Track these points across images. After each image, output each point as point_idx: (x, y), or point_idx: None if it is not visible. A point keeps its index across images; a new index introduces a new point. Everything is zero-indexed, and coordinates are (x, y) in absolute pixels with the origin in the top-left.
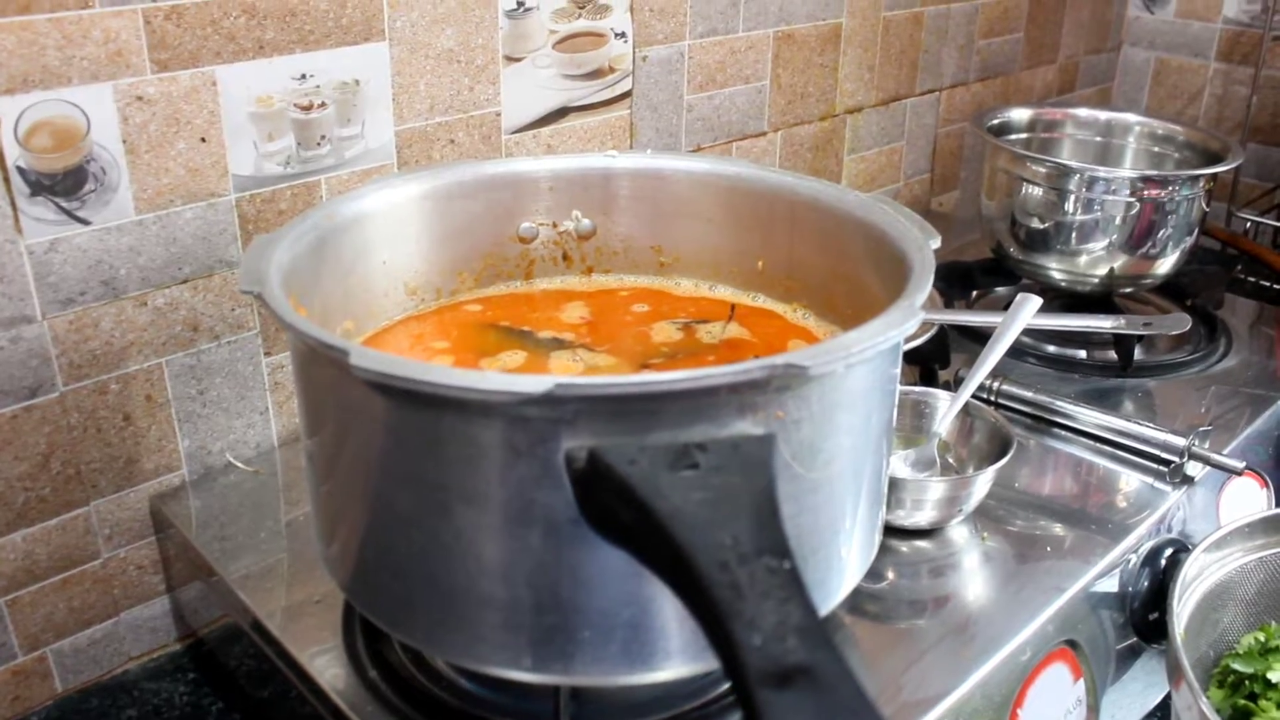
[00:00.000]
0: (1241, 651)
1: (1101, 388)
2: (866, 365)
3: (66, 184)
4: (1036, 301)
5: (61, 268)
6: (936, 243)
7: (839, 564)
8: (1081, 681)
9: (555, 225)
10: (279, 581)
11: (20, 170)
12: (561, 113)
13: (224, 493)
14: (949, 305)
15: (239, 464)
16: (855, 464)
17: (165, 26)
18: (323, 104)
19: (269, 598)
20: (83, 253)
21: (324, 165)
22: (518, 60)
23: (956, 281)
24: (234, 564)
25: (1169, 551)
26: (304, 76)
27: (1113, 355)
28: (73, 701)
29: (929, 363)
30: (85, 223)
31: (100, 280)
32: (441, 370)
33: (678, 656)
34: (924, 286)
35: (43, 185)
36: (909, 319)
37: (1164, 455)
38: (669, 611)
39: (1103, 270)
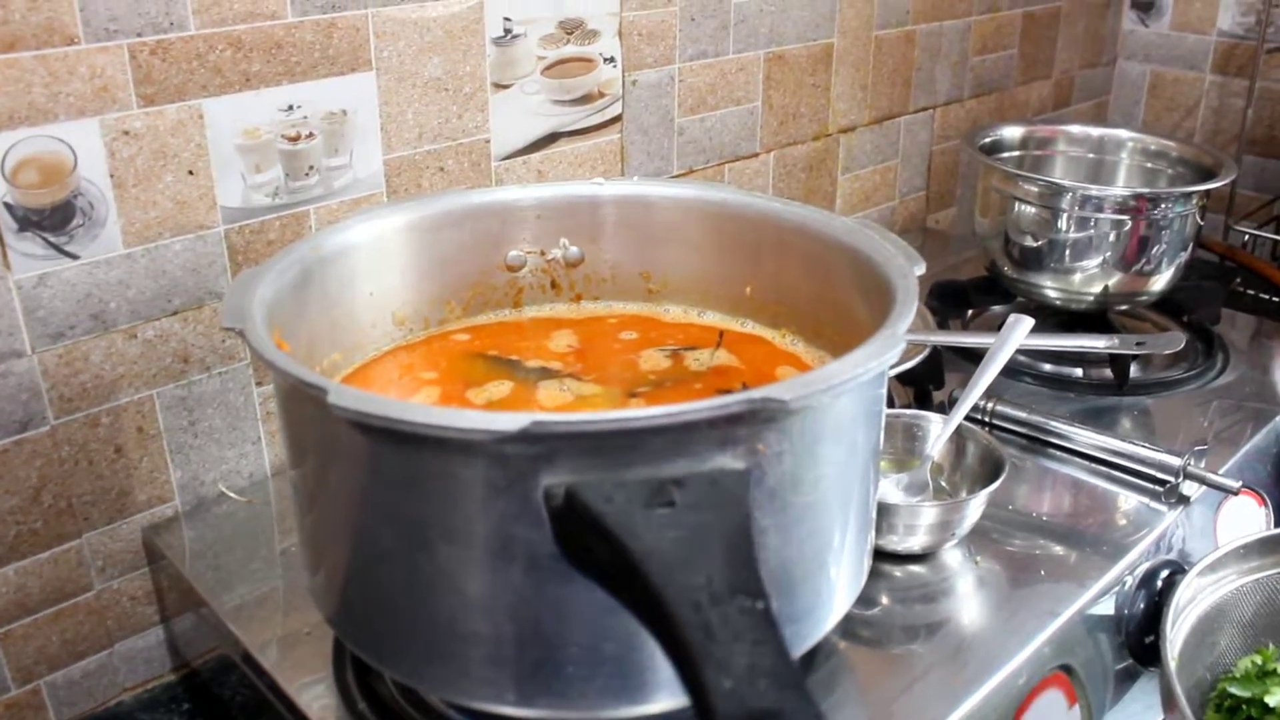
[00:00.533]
0: (1238, 675)
1: (1098, 407)
2: (850, 395)
3: (54, 219)
4: (1028, 322)
5: (50, 302)
6: (921, 269)
7: (827, 593)
8: (1077, 707)
9: (543, 253)
10: (272, 611)
11: (8, 206)
12: (552, 138)
13: (217, 523)
14: (944, 324)
15: (232, 494)
16: (841, 493)
17: (151, 61)
18: (310, 135)
19: (261, 629)
20: (71, 287)
21: (313, 195)
22: (506, 87)
23: (951, 300)
24: (227, 594)
25: (1165, 573)
26: (291, 108)
27: (1109, 373)
28: None
29: (923, 384)
30: (74, 257)
31: (90, 314)
32: (419, 409)
33: (665, 689)
34: (907, 315)
35: (30, 221)
36: (890, 349)
37: (1160, 475)
38: (655, 645)
39: (1097, 288)
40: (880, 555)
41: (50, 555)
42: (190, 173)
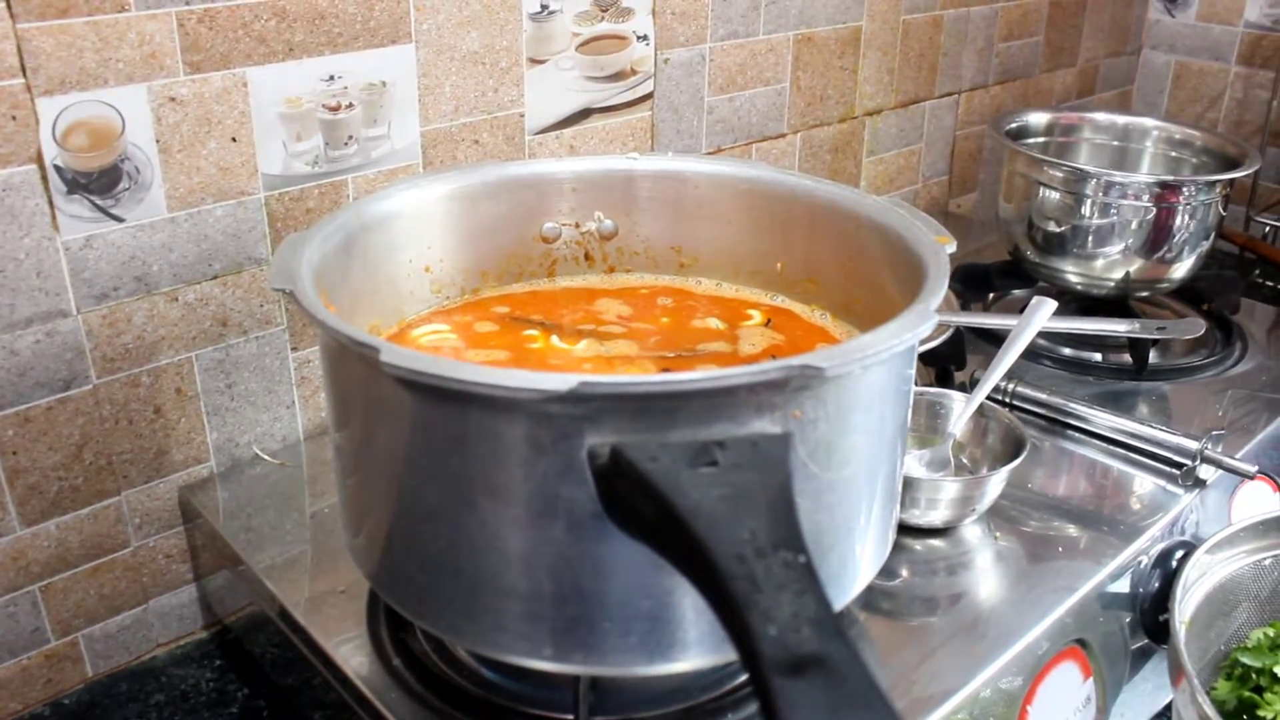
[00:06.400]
0: (1250, 646)
1: (1116, 390)
2: (882, 367)
3: (102, 182)
4: (1051, 305)
5: (96, 264)
6: (952, 248)
7: (853, 561)
8: (1091, 680)
9: (578, 225)
10: (303, 572)
11: (57, 169)
12: (584, 114)
13: (251, 484)
14: (966, 307)
15: (266, 456)
16: (870, 463)
17: (198, 29)
18: (350, 105)
19: (294, 587)
20: (117, 249)
21: (351, 165)
22: (541, 62)
23: (974, 283)
24: (260, 554)
25: (1180, 554)
26: (332, 78)
27: (1128, 358)
28: (103, 686)
29: (945, 364)
30: (119, 220)
31: (133, 276)
32: (469, 368)
33: (695, 648)
34: (939, 291)
35: (79, 184)
36: (923, 323)
37: (1177, 458)
38: (687, 603)
39: (1119, 274)
40: (901, 529)
41: (90, 511)
42: (233, 140)
